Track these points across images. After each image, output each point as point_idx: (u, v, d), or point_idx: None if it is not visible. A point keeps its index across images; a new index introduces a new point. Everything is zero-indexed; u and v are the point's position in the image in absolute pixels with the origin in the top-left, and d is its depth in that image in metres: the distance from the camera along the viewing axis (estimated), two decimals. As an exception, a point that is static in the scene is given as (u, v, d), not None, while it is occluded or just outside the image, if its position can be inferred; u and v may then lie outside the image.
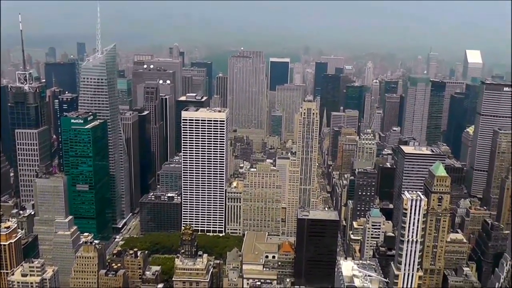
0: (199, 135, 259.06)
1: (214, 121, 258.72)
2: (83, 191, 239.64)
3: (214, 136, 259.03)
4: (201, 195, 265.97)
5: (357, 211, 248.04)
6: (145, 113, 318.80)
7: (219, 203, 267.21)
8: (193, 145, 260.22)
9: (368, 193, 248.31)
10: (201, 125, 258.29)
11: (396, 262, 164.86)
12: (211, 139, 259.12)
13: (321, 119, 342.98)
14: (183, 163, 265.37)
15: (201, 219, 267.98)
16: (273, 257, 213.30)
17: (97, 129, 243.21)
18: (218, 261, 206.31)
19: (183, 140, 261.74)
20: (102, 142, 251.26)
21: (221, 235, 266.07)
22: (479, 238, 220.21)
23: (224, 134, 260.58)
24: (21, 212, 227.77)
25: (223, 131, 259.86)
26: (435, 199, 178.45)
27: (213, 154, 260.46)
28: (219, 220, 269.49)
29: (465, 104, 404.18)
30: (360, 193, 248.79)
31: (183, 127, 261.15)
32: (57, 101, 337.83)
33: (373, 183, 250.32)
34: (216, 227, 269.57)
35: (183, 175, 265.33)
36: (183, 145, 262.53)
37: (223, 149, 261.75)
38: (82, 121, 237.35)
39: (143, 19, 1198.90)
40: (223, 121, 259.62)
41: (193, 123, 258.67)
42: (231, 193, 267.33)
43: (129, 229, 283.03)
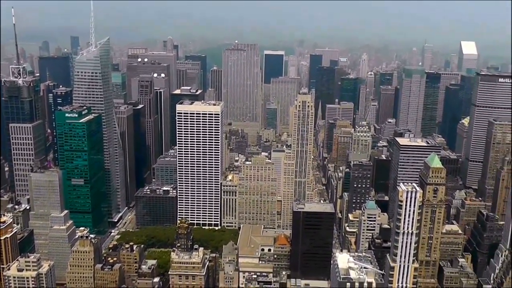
0: (194, 129, 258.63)
1: (209, 114, 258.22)
2: (79, 185, 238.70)
3: (209, 130, 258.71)
4: (197, 188, 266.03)
5: (352, 203, 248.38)
6: (139, 106, 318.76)
7: (215, 196, 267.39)
8: (188, 139, 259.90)
9: (364, 185, 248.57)
10: (196, 119, 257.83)
11: (391, 254, 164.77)
12: (206, 132, 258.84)
13: (316, 112, 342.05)
14: (178, 156, 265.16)
15: (196, 213, 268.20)
16: (269, 250, 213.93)
17: (91, 123, 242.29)
18: (214, 255, 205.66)
19: (178, 134, 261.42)
20: (97, 136, 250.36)
21: (216, 228, 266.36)
22: (475, 229, 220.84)
23: (219, 127, 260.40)
24: (16, 206, 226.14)
25: (218, 124, 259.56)
26: (430, 191, 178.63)
27: (208, 147, 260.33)
28: (214, 214, 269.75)
29: (460, 95, 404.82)
30: (355, 185, 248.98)
31: (177, 121, 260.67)
32: (51, 95, 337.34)
33: (369, 175, 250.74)
34: (212, 221, 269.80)
35: (178, 168, 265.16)
36: (178, 138, 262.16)
37: (218, 142, 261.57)
38: (76, 115, 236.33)
39: (136, 12, 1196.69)
40: (218, 114, 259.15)
41: (187, 116, 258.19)
42: (226, 186, 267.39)
43: (125, 223, 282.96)
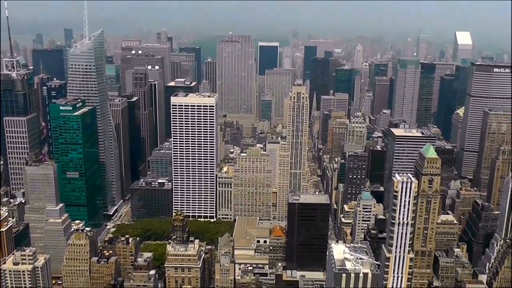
0: (188, 121, 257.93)
1: (203, 106, 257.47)
2: (74, 178, 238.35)
3: (203, 122, 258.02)
4: (192, 180, 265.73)
5: (348, 194, 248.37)
6: (134, 99, 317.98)
7: (210, 188, 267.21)
8: (182, 131, 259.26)
9: (359, 176, 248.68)
10: (191, 111, 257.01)
11: (387, 245, 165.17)
12: (201, 124, 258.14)
13: (310, 103, 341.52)
14: (173, 148, 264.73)
15: (192, 205, 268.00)
16: (265, 241, 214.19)
17: (86, 116, 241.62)
18: (209, 247, 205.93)
19: (173, 126, 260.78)
20: (92, 129, 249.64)
21: (212, 220, 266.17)
22: (470, 219, 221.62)
23: (213, 119, 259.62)
24: (11, 200, 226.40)
25: (213, 116, 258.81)
26: (425, 181, 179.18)
27: (203, 139, 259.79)
28: (210, 206, 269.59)
29: (455, 85, 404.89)
30: (350, 176, 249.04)
31: (172, 113, 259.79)
32: (45, 88, 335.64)
33: (364, 166, 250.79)
34: (207, 213, 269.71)
35: (173, 161, 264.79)
36: (173, 130, 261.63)
37: (213, 134, 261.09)
38: (71, 108, 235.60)
39: (130, 4, 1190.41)
40: (213, 106, 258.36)
41: (182, 108, 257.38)
42: (221, 178, 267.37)
43: (120, 216, 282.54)
